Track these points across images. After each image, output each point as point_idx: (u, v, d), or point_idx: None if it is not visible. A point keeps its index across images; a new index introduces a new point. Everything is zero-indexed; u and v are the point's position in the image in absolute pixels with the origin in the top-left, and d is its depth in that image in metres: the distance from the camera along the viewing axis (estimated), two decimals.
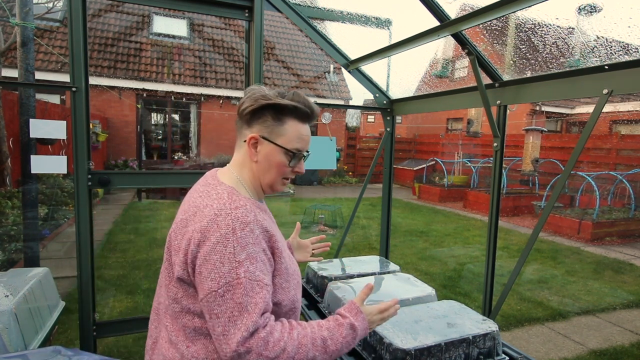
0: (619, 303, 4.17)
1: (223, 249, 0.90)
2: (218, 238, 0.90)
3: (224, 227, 0.91)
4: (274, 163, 1.04)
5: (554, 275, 4.98)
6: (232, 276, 0.89)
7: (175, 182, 2.21)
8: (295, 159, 1.05)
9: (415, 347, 1.30)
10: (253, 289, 0.90)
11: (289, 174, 1.08)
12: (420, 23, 1.93)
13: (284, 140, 1.03)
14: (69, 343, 2.89)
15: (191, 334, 0.98)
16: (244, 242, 0.92)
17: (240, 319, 0.88)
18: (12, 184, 5.31)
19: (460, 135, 12.61)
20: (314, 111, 1.07)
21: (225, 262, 0.89)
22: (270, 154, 1.03)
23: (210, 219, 0.93)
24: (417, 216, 8.62)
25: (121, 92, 11.22)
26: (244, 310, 0.89)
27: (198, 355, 0.97)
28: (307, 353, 0.94)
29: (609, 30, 1.69)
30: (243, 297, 0.89)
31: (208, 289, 0.90)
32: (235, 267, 0.89)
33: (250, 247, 0.92)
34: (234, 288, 0.89)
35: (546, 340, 3.37)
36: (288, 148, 1.03)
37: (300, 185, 12.80)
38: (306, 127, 1.07)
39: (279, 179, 1.07)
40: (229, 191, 1.00)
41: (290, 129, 1.03)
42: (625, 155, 8.92)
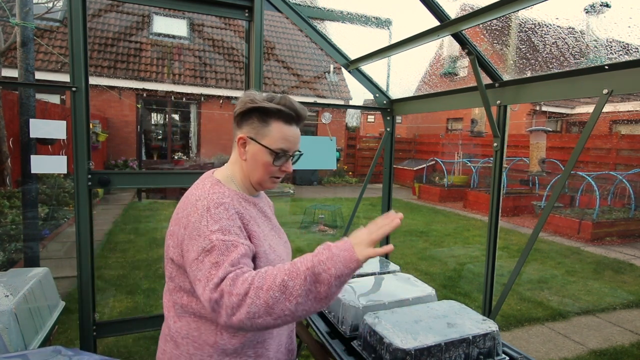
0: (619, 303, 4.17)
1: (199, 224, 0.98)
2: (196, 217, 1.00)
3: (200, 208, 1.01)
4: (260, 162, 1.11)
5: (554, 275, 4.98)
6: (205, 242, 0.95)
7: (175, 182, 2.21)
8: (280, 158, 1.12)
9: (415, 347, 1.30)
10: (228, 248, 0.95)
11: (277, 172, 1.14)
12: (420, 23, 1.93)
13: (268, 140, 1.10)
14: (69, 343, 2.89)
15: (179, 311, 1.07)
16: (217, 217, 0.99)
17: (216, 274, 0.91)
18: (12, 184, 5.31)
19: (460, 135, 12.61)
20: (300, 113, 1.12)
21: (201, 234, 0.97)
22: (256, 153, 1.11)
23: (192, 204, 1.03)
24: (417, 216, 8.62)
25: (121, 92, 11.22)
26: (220, 267, 0.92)
27: (181, 331, 1.06)
28: (274, 278, 0.88)
29: (609, 30, 1.69)
30: (218, 256, 0.93)
31: (191, 260, 0.97)
32: (208, 235, 0.96)
33: (224, 222, 0.99)
34: (209, 252, 0.94)
35: (546, 340, 3.37)
36: (272, 148, 1.10)
37: (300, 185, 12.80)
38: (292, 128, 1.12)
39: (267, 177, 1.14)
40: (213, 182, 1.11)
41: (275, 130, 1.10)
42: (625, 155, 8.92)
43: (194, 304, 1.05)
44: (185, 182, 2.19)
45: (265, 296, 0.87)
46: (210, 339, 1.04)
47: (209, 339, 1.04)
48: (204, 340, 1.04)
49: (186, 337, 1.05)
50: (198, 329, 1.05)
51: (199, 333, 1.04)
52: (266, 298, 0.86)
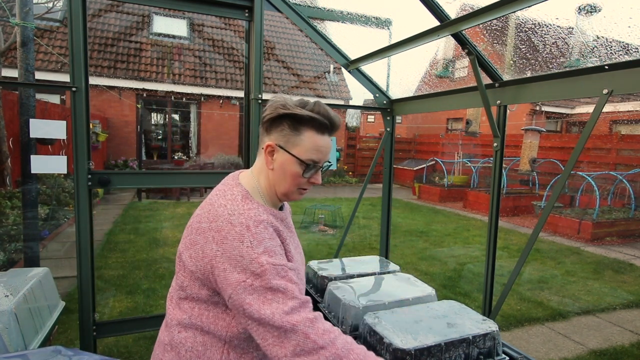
0: (619, 303, 4.17)
1: (240, 244, 0.92)
2: (234, 235, 0.93)
3: (237, 225, 0.94)
4: (288, 172, 1.04)
5: (554, 275, 4.98)
6: (255, 266, 0.90)
7: (175, 182, 2.21)
8: (310, 169, 1.05)
9: (415, 347, 1.30)
10: (279, 273, 0.92)
11: (305, 184, 1.07)
12: (420, 23, 1.93)
13: (299, 150, 1.03)
14: (69, 343, 2.89)
15: (186, 322, 1.01)
16: (260, 237, 0.94)
17: (276, 299, 0.89)
18: (12, 184, 5.31)
19: (460, 135, 12.61)
20: (334, 122, 1.05)
21: (245, 255, 0.91)
22: (285, 163, 1.04)
23: (224, 218, 0.96)
24: (417, 216, 8.62)
25: (121, 92, 11.22)
26: (277, 292, 0.89)
27: (185, 343, 1.00)
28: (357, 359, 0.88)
29: (609, 30, 1.69)
30: (272, 281, 0.90)
31: (236, 282, 0.91)
32: (256, 257, 0.91)
33: (267, 242, 0.95)
34: (260, 275, 0.90)
35: (546, 340, 3.37)
36: (303, 159, 1.03)
37: None
38: (324, 138, 1.05)
39: (294, 188, 1.07)
40: (244, 194, 1.03)
41: (307, 139, 1.02)
42: (625, 155, 8.92)
43: (205, 317, 1.00)
44: (185, 182, 2.19)
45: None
46: (215, 356, 0.99)
47: (214, 356, 0.99)
48: (209, 357, 0.99)
49: (190, 351, 1.00)
50: (204, 344, 1.00)
51: (204, 348, 0.99)
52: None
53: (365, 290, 1.78)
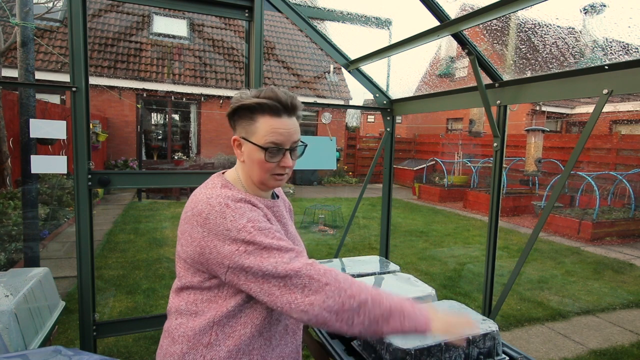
0: (619, 303, 4.17)
1: (223, 220, 0.97)
2: (215, 215, 0.98)
3: (216, 205, 0.99)
4: (255, 161, 1.07)
5: (554, 275, 4.98)
6: (243, 234, 0.95)
7: (175, 182, 2.21)
8: (272, 153, 1.06)
9: (415, 347, 1.30)
10: (267, 235, 0.97)
11: (276, 169, 1.09)
12: (420, 23, 1.93)
13: (257, 137, 1.06)
14: (69, 343, 2.89)
15: (182, 308, 1.07)
16: (241, 210, 0.99)
17: (273, 255, 0.94)
18: (12, 184, 5.31)
19: (460, 135, 12.61)
20: (285, 103, 1.05)
21: (231, 227, 0.96)
22: (250, 152, 1.08)
23: (203, 202, 1.01)
24: (417, 216, 8.62)
25: (121, 92, 11.22)
26: (272, 249, 0.95)
27: (179, 328, 1.06)
28: (360, 292, 0.95)
29: (609, 30, 1.69)
30: (264, 241, 0.95)
31: (230, 253, 0.95)
32: (242, 227, 0.96)
33: (249, 213, 0.99)
34: (251, 240, 0.95)
35: (546, 340, 3.37)
36: (261, 144, 1.05)
37: (300, 185, 12.80)
38: (281, 120, 1.06)
39: (266, 175, 1.09)
40: (223, 183, 1.10)
41: (262, 125, 1.05)
42: (625, 155, 8.92)
43: (199, 302, 1.05)
44: (185, 182, 2.19)
45: (345, 299, 0.92)
46: (205, 339, 1.03)
47: (203, 339, 1.03)
48: (199, 340, 1.04)
49: (182, 335, 1.05)
50: (193, 329, 1.04)
51: (194, 333, 1.04)
52: (345, 301, 0.92)
53: None
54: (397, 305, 0.97)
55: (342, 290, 0.93)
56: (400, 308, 0.96)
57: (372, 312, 0.94)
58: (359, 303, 0.93)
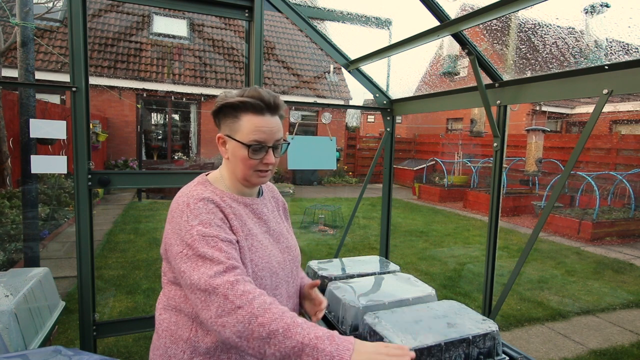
0: (619, 303, 4.17)
1: (179, 219, 1.02)
2: (176, 212, 1.04)
3: (181, 204, 1.05)
4: (238, 158, 1.10)
5: (554, 275, 4.98)
6: (187, 236, 0.99)
7: (175, 182, 2.21)
8: (255, 151, 1.09)
9: (415, 347, 1.30)
10: (208, 243, 0.98)
11: (260, 166, 1.12)
12: (420, 23, 1.93)
13: (241, 135, 1.09)
14: (69, 343, 2.89)
15: (165, 303, 1.12)
16: (197, 212, 1.02)
17: (204, 265, 0.95)
18: (12, 184, 5.31)
19: (461, 135, 12.61)
20: (268, 102, 1.08)
21: (183, 228, 1.00)
22: (234, 149, 1.11)
23: (174, 200, 1.09)
24: (417, 216, 8.62)
25: (121, 92, 11.22)
26: (205, 259, 0.96)
27: (163, 323, 1.10)
28: (272, 321, 0.87)
29: (609, 30, 1.69)
30: (200, 249, 0.97)
31: (176, 253, 1.00)
32: (189, 229, 1.00)
33: (204, 215, 1.02)
34: (191, 244, 0.98)
35: (546, 340, 3.37)
36: (244, 142, 1.08)
37: (300, 185, 12.80)
38: (264, 119, 1.09)
39: (249, 171, 1.12)
40: (200, 180, 1.15)
41: (245, 123, 1.08)
42: (625, 155, 8.92)
43: (177, 297, 1.08)
44: (185, 182, 2.18)
45: (255, 327, 0.87)
46: (185, 334, 1.06)
47: (184, 334, 1.06)
48: (179, 335, 1.06)
49: (166, 330, 1.09)
50: (176, 323, 1.08)
51: (176, 327, 1.07)
52: (254, 328, 0.87)
53: (365, 290, 1.78)
54: (311, 340, 0.85)
55: (253, 317, 0.87)
56: (313, 344, 0.84)
57: (282, 344, 0.86)
58: (268, 332, 0.86)
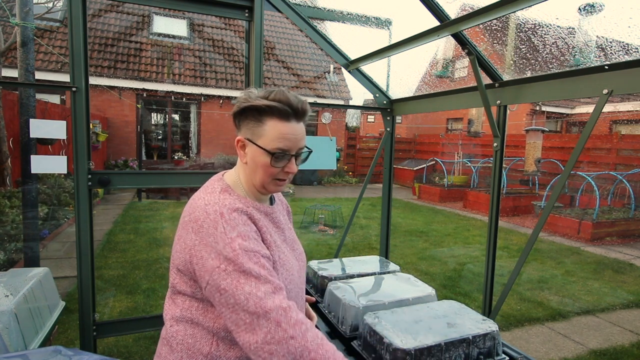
0: (619, 303, 4.17)
1: (214, 231, 0.94)
2: (208, 223, 0.95)
3: (212, 214, 0.97)
4: (259, 164, 1.04)
5: (554, 275, 4.98)
6: (228, 250, 0.92)
7: (175, 182, 2.21)
8: (279, 159, 1.03)
9: (415, 347, 1.30)
10: (251, 258, 0.93)
11: (280, 174, 1.06)
12: (420, 23, 1.93)
13: (264, 141, 1.02)
14: (69, 343, 2.89)
15: (177, 315, 1.04)
16: (233, 223, 0.96)
17: (248, 284, 0.89)
18: (12, 184, 5.31)
19: (460, 135, 12.61)
20: (296, 108, 1.03)
21: (219, 240, 0.93)
22: (254, 155, 1.04)
23: (201, 209, 0.99)
24: (417, 216, 8.62)
25: (121, 92, 11.22)
26: (250, 277, 0.90)
27: (177, 336, 1.03)
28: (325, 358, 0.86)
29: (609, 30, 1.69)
30: (245, 265, 0.91)
31: (211, 268, 0.92)
32: (229, 242, 0.92)
33: (241, 227, 0.96)
34: (233, 259, 0.91)
35: (546, 340, 3.37)
36: (268, 149, 1.02)
37: (300, 185, 12.80)
38: (290, 125, 1.03)
39: (269, 179, 1.06)
40: (223, 187, 1.06)
41: (270, 129, 1.02)
42: (625, 155, 8.92)
43: (194, 309, 1.02)
44: (185, 182, 2.19)
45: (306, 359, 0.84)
46: (205, 348, 1.00)
47: (204, 348, 1.00)
48: (198, 349, 1.00)
49: (181, 343, 1.02)
50: (193, 336, 1.01)
51: (194, 340, 1.01)
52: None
53: (365, 290, 1.78)
54: None
55: (307, 350, 0.85)
56: None
57: None
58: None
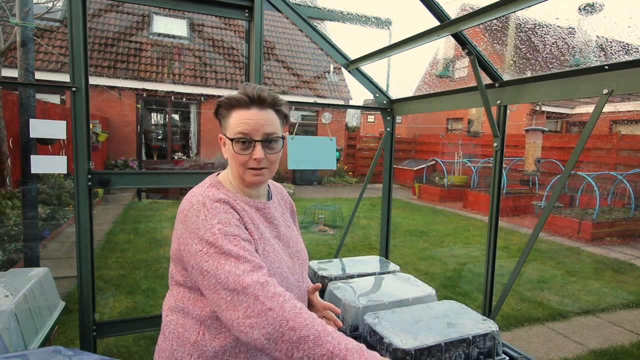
0: (619, 303, 4.17)
1: (197, 219, 1.00)
2: (192, 212, 1.02)
3: (195, 204, 1.03)
4: (230, 155, 1.10)
5: (554, 275, 4.98)
6: (208, 235, 0.97)
7: (175, 182, 2.21)
8: (240, 144, 1.07)
9: (415, 347, 1.30)
10: (231, 241, 0.97)
11: (250, 163, 1.09)
12: (420, 23, 1.93)
13: (229, 131, 1.09)
14: (69, 343, 2.89)
15: (172, 305, 1.10)
16: (215, 211, 1.01)
17: (228, 263, 0.93)
18: (12, 184, 5.31)
19: (460, 135, 12.61)
20: (251, 96, 1.07)
21: (201, 226, 0.98)
22: (228, 147, 1.11)
23: (187, 200, 1.06)
24: (417, 216, 8.62)
25: (121, 92, 11.22)
26: (230, 257, 0.94)
27: (170, 325, 1.09)
28: (304, 326, 0.86)
29: (609, 30, 1.69)
30: (224, 246, 0.95)
31: (195, 252, 0.97)
32: (210, 227, 0.98)
33: (222, 215, 1.01)
34: (214, 242, 0.96)
35: (546, 340, 3.37)
36: (230, 136, 1.08)
37: (300, 185, 12.80)
38: (251, 111, 1.07)
39: (242, 169, 1.10)
40: (212, 183, 1.13)
41: (233, 118, 1.09)
42: (625, 155, 8.92)
43: (186, 299, 1.07)
44: (185, 182, 2.19)
45: (285, 330, 0.86)
46: (192, 337, 1.04)
47: (191, 337, 1.05)
48: (186, 337, 1.05)
49: (172, 332, 1.08)
50: (183, 326, 1.06)
51: (183, 330, 1.06)
52: (284, 332, 0.86)
53: (365, 290, 1.78)
54: (341, 351, 0.85)
55: (285, 320, 0.87)
56: (343, 355, 0.85)
57: (312, 350, 0.85)
58: (299, 337, 0.86)
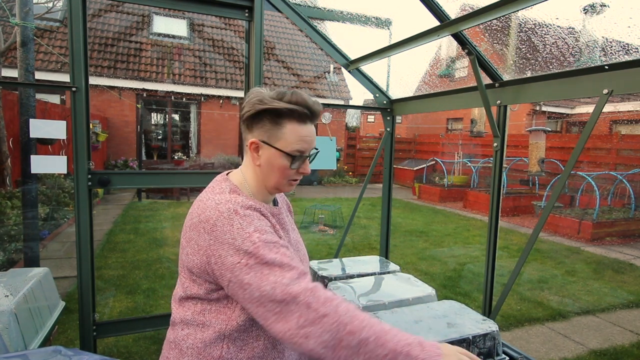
0: (619, 303, 4.17)
1: (230, 228, 0.93)
2: (222, 221, 0.94)
3: (225, 212, 0.95)
4: (275, 167, 1.04)
5: (554, 275, 4.98)
6: (247, 244, 0.91)
7: (175, 182, 2.21)
8: (296, 161, 1.04)
9: None
10: (272, 249, 0.92)
11: (294, 175, 1.07)
12: (420, 23, 1.93)
13: (283, 143, 1.02)
14: (69, 343, 2.89)
15: (188, 318, 1.03)
16: (249, 218, 0.95)
17: (273, 274, 0.88)
18: (12, 184, 5.31)
19: (461, 135, 12.61)
20: (314, 111, 1.04)
21: (237, 236, 0.92)
22: (271, 157, 1.04)
23: (212, 208, 0.97)
24: (417, 216, 8.62)
25: (121, 92, 11.22)
26: (274, 267, 0.89)
27: (187, 339, 1.02)
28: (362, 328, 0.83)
29: (609, 30, 1.69)
30: (266, 256, 0.90)
31: (231, 265, 0.91)
32: (247, 236, 0.92)
33: (256, 222, 0.96)
34: (254, 253, 0.90)
35: (546, 340, 3.36)
36: (288, 151, 1.02)
37: (300, 185, 12.80)
38: (307, 127, 1.04)
39: (284, 181, 1.07)
40: (232, 188, 1.06)
41: (289, 131, 1.02)
42: (625, 155, 8.92)
43: (207, 312, 1.01)
44: (185, 182, 2.19)
45: (344, 336, 0.82)
46: (216, 352, 0.99)
47: (214, 352, 0.99)
48: (209, 352, 0.99)
49: (191, 347, 1.01)
50: (203, 341, 1.00)
51: (204, 345, 1.00)
52: (343, 337, 0.82)
53: (365, 290, 1.78)
54: (403, 348, 0.83)
55: (342, 325, 0.83)
56: (406, 351, 0.82)
57: (373, 352, 0.82)
58: (359, 341, 0.82)
